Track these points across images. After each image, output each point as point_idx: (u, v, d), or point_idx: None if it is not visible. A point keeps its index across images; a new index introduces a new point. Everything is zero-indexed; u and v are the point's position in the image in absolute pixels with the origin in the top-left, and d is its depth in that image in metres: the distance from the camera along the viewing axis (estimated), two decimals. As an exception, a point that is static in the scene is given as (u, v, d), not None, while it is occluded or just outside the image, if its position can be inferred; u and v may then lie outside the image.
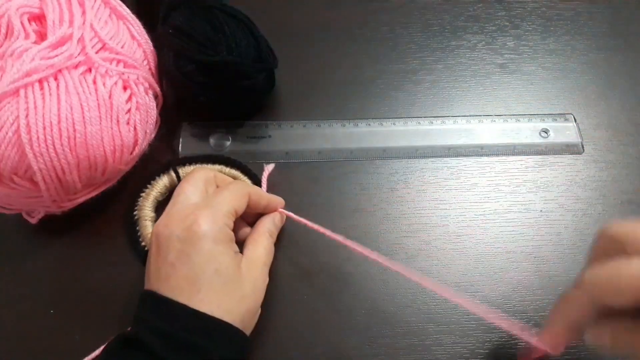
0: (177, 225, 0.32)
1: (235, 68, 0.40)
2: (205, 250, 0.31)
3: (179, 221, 0.32)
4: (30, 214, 0.40)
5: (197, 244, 0.31)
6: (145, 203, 0.41)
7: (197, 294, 0.31)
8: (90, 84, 0.35)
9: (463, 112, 0.47)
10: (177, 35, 0.40)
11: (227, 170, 0.43)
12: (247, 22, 0.42)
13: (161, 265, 0.32)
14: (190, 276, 0.31)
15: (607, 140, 0.46)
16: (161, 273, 0.32)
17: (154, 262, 0.32)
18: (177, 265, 0.31)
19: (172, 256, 0.31)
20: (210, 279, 0.31)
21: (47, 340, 0.37)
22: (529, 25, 0.52)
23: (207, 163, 0.43)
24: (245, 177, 0.43)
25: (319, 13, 0.53)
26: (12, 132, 0.33)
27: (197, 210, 0.33)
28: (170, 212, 0.34)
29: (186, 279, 0.31)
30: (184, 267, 0.31)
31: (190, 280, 0.31)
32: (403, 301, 0.39)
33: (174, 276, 0.31)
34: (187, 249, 0.31)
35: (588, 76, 0.49)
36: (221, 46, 0.39)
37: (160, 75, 0.42)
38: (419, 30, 0.52)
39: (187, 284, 0.31)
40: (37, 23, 0.37)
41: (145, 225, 0.40)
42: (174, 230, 0.32)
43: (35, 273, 0.40)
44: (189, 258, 0.31)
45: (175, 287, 0.31)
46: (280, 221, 0.39)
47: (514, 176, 0.44)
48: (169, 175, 0.42)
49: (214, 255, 0.32)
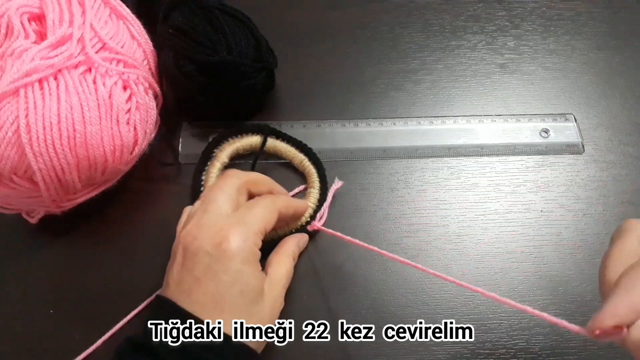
0: (207, 240, 0.31)
1: (235, 68, 0.40)
2: (233, 271, 0.31)
3: (209, 235, 0.32)
4: (30, 214, 0.40)
5: (226, 263, 0.31)
6: (227, 148, 0.43)
7: (220, 314, 0.30)
8: (90, 83, 0.35)
9: (463, 112, 0.47)
10: (177, 35, 0.40)
11: (307, 165, 0.43)
12: (247, 22, 0.42)
13: (185, 277, 0.31)
14: (215, 294, 0.30)
15: (607, 140, 0.46)
16: (184, 285, 0.31)
17: (177, 272, 0.32)
18: (202, 280, 0.31)
19: (199, 271, 0.31)
20: (235, 300, 0.31)
21: (47, 340, 0.37)
22: (529, 25, 0.52)
23: (298, 149, 0.43)
24: (316, 175, 0.43)
25: (319, 13, 0.53)
26: (12, 132, 0.33)
27: (228, 226, 0.32)
28: (200, 222, 0.33)
29: (211, 297, 0.30)
30: (209, 284, 0.31)
31: (215, 299, 0.30)
32: (403, 301, 0.38)
33: (198, 291, 0.31)
34: (214, 266, 0.31)
35: (588, 76, 0.49)
36: (221, 46, 0.39)
37: (160, 75, 0.42)
38: (419, 30, 0.52)
39: (211, 302, 0.30)
40: (37, 23, 0.37)
41: (211, 174, 0.42)
42: (203, 244, 0.31)
43: (35, 273, 0.40)
44: (216, 276, 0.31)
45: (197, 302, 0.30)
46: (304, 244, 0.40)
47: (515, 176, 0.44)
48: (258, 137, 0.43)
49: (241, 276, 0.31)
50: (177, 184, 0.43)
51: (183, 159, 0.44)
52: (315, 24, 0.52)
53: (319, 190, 0.42)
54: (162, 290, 0.33)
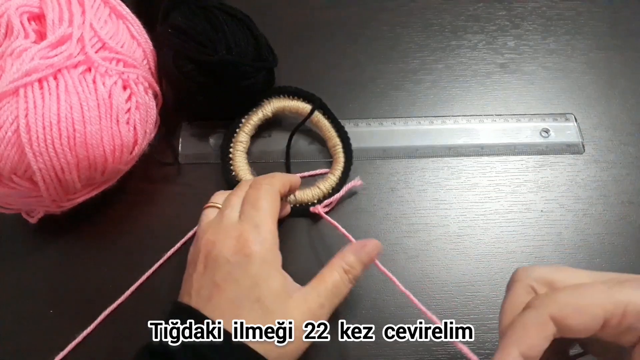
0: (226, 246, 0.32)
1: (235, 67, 0.40)
2: (253, 274, 0.31)
3: (228, 242, 0.32)
4: (30, 214, 0.40)
5: (245, 268, 0.31)
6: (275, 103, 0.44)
7: (237, 318, 0.30)
8: (89, 83, 0.35)
9: (463, 111, 0.47)
10: (177, 35, 0.40)
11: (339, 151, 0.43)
12: (246, 21, 0.42)
13: (205, 284, 0.31)
14: (234, 299, 0.30)
15: (607, 140, 0.46)
16: (203, 292, 0.31)
17: (197, 280, 0.32)
18: (222, 286, 0.31)
19: (219, 277, 0.31)
20: (252, 306, 0.30)
21: (47, 340, 0.37)
22: (529, 24, 0.52)
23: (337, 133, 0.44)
24: (342, 164, 0.43)
25: (319, 13, 0.53)
26: (12, 132, 0.33)
27: (245, 231, 0.32)
28: (217, 229, 0.33)
29: (230, 303, 0.30)
30: (229, 290, 0.31)
31: (234, 304, 0.30)
32: (403, 301, 0.38)
33: (218, 297, 0.31)
34: (235, 272, 0.31)
35: (588, 76, 0.49)
36: (221, 45, 0.39)
37: (160, 75, 0.42)
38: (419, 30, 0.52)
39: (229, 308, 0.30)
40: (37, 22, 0.37)
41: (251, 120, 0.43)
42: (223, 251, 0.31)
43: (35, 273, 0.40)
44: (236, 282, 0.31)
45: (217, 307, 0.30)
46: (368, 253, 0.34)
47: (515, 176, 0.44)
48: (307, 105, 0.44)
49: (261, 281, 0.31)
50: (177, 184, 0.43)
51: (183, 158, 0.44)
52: (315, 23, 0.52)
53: (338, 179, 0.43)
54: (180, 297, 0.33)
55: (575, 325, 0.23)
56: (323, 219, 0.40)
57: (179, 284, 0.34)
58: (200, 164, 0.44)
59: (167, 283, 0.39)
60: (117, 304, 0.38)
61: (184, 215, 0.41)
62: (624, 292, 0.23)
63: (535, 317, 0.24)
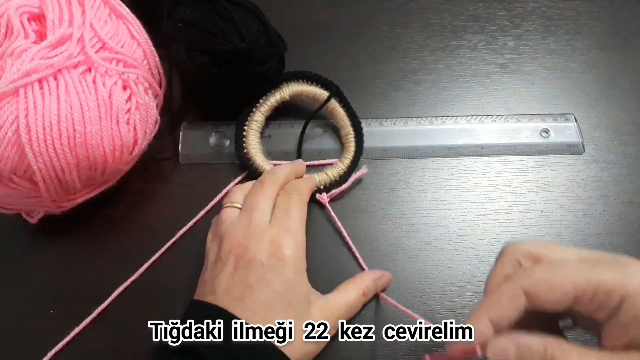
0: (260, 250, 0.32)
1: (249, 55, 0.40)
2: (286, 280, 0.32)
3: (262, 245, 0.32)
4: (30, 214, 0.40)
5: (280, 272, 0.32)
6: (293, 87, 0.44)
7: (269, 321, 0.31)
8: (90, 83, 0.35)
9: (463, 111, 0.47)
10: (186, 29, 0.40)
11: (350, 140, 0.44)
12: (253, 9, 0.42)
13: (237, 285, 0.32)
14: (266, 302, 0.31)
15: (607, 140, 0.46)
16: (234, 292, 0.31)
17: (227, 279, 0.32)
18: (255, 288, 0.31)
19: (253, 279, 0.31)
20: (284, 310, 0.31)
21: (47, 340, 0.37)
22: (529, 25, 0.52)
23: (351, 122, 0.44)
24: (352, 154, 0.43)
25: (319, 13, 0.53)
26: (12, 132, 0.33)
27: (279, 236, 0.33)
28: (248, 232, 0.33)
29: (262, 304, 0.31)
30: (262, 293, 0.31)
31: (266, 306, 0.31)
32: (403, 301, 0.38)
33: (251, 298, 0.31)
34: (269, 275, 0.31)
35: (588, 76, 0.49)
36: (233, 35, 0.39)
37: (165, 72, 0.42)
38: (419, 30, 0.52)
39: (261, 309, 0.31)
40: (37, 23, 0.37)
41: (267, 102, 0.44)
42: (257, 254, 0.32)
43: (35, 273, 0.40)
44: (269, 284, 0.31)
45: (248, 309, 0.31)
46: (384, 284, 0.38)
47: (515, 176, 0.44)
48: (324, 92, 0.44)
49: (292, 285, 0.32)
50: (177, 184, 0.43)
51: (183, 159, 0.44)
52: (315, 23, 0.52)
53: (346, 167, 0.43)
54: (201, 296, 0.33)
55: (546, 300, 0.25)
56: None
57: (179, 283, 0.34)
58: (200, 164, 0.44)
59: (167, 282, 0.39)
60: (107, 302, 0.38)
61: (184, 216, 0.41)
62: (597, 272, 0.24)
63: (509, 289, 0.25)
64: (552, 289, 0.25)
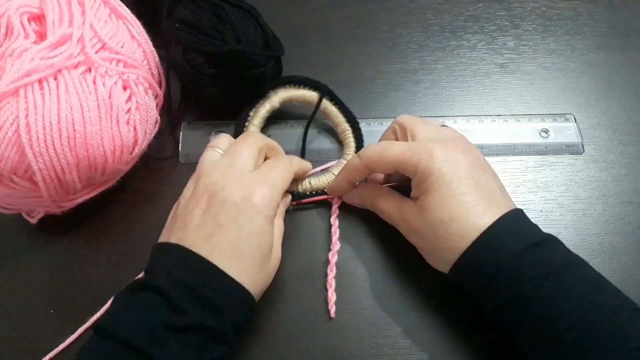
0: (235, 192, 0.33)
1: (245, 57, 0.40)
2: (257, 224, 0.33)
3: (237, 188, 0.33)
4: (30, 214, 0.40)
5: (251, 216, 0.33)
6: (281, 93, 0.44)
7: (237, 262, 0.32)
8: (90, 83, 0.35)
9: (463, 111, 0.47)
10: (184, 29, 0.40)
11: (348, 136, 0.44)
12: (252, 12, 0.42)
13: (207, 222, 0.32)
14: (235, 243, 0.32)
15: (607, 140, 0.46)
16: (204, 229, 0.32)
17: (198, 216, 0.33)
18: (224, 227, 0.32)
19: (223, 219, 0.32)
20: (253, 251, 0.32)
21: (47, 340, 0.37)
22: (529, 25, 0.52)
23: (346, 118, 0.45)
24: (353, 149, 0.44)
25: (319, 13, 0.53)
26: (12, 132, 0.33)
27: (255, 183, 0.34)
28: (227, 174, 0.34)
29: (231, 245, 0.32)
30: (231, 232, 0.32)
31: (235, 247, 0.32)
32: (403, 302, 0.38)
33: (220, 237, 0.32)
34: (240, 217, 0.32)
35: (588, 76, 0.49)
36: (229, 36, 0.40)
37: (164, 73, 0.42)
38: (419, 30, 0.52)
39: (231, 250, 0.32)
40: (37, 23, 0.37)
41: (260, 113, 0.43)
42: (231, 195, 0.33)
43: (35, 273, 0.40)
44: (239, 226, 0.32)
45: (217, 247, 0.32)
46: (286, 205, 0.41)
47: (514, 176, 0.44)
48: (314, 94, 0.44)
49: (262, 231, 0.33)
50: (177, 184, 0.43)
51: (183, 158, 0.44)
52: (315, 23, 0.52)
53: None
54: (170, 233, 0.34)
55: (377, 169, 0.37)
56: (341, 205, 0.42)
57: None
58: (200, 164, 0.44)
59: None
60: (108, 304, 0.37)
61: (184, 215, 0.41)
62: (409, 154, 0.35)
63: (356, 161, 0.38)
64: (380, 163, 0.36)
